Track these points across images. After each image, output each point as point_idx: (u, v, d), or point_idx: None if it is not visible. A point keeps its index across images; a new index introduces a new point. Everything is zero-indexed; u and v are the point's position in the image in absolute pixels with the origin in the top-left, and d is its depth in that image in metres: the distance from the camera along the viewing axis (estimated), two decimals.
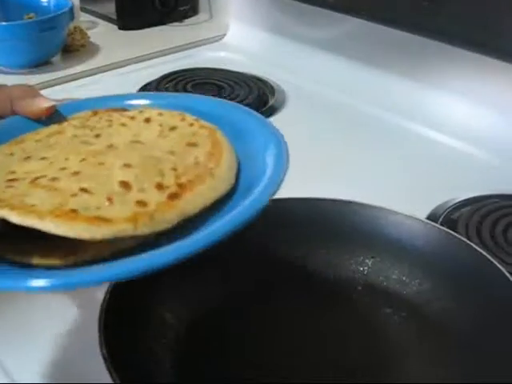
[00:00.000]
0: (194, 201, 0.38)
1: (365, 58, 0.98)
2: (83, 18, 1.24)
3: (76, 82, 1.03)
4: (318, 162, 0.78)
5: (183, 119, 0.45)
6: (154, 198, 0.37)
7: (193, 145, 0.42)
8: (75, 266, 0.35)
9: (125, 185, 0.38)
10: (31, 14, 1.08)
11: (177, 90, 0.97)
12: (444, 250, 0.54)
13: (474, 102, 0.85)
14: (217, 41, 1.19)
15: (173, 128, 0.45)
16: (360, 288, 0.56)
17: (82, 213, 0.35)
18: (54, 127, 0.46)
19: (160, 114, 0.46)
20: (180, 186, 0.38)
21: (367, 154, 0.83)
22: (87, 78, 1.04)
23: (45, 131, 0.46)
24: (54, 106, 0.47)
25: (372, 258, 0.56)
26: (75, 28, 1.11)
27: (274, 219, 0.52)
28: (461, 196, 0.71)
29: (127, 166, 0.40)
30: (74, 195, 0.36)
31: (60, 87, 1.01)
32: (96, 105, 0.48)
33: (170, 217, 0.36)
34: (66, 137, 0.44)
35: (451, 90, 0.88)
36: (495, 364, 0.45)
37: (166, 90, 0.98)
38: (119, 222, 0.34)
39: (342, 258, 0.57)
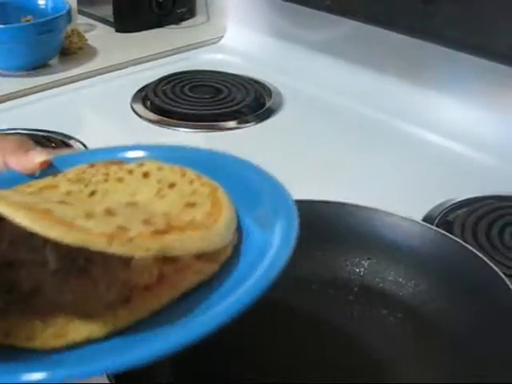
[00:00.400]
0: (180, 241, 0.34)
1: (362, 60, 0.99)
2: (81, 21, 1.24)
3: (74, 84, 1.03)
4: (315, 164, 0.79)
5: (183, 175, 0.42)
6: (137, 228, 0.33)
7: (191, 205, 0.39)
8: (64, 350, 0.33)
9: (108, 211, 0.35)
10: (29, 17, 1.09)
11: (174, 93, 0.98)
12: (440, 252, 0.54)
13: (471, 103, 0.86)
14: (214, 43, 1.20)
15: (172, 185, 0.41)
16: (356, 289, 0.56)
17: (56, 215, 0.32)
18: (47, 180, 0.43)
19: (159, 169, 0.43)
20: (169, 225, 0.35)
21: (363, 155, 0.83)
22: (85, 81, 1.05)
23: (38, 183, 0.43)
24: (47, 161, 0.44)
25: (368, 259, 0.57)
26: (73, 31, 1.12)
27: None
28: (457, 197, 0.71)
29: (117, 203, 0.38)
30: (51, 202, 0.34)
31: (58, 90, 1.01)
32: (93, 157, 0.45)
33: (151, 245, 0.32)
34: (59, 192, 0.41)
35: (448, 92, 0.88)
36: (490, 364, 0.46)
37: (164, 92, 0.98)
38: (93, 234, 0.31)
39: (338, 259, 0.57)
